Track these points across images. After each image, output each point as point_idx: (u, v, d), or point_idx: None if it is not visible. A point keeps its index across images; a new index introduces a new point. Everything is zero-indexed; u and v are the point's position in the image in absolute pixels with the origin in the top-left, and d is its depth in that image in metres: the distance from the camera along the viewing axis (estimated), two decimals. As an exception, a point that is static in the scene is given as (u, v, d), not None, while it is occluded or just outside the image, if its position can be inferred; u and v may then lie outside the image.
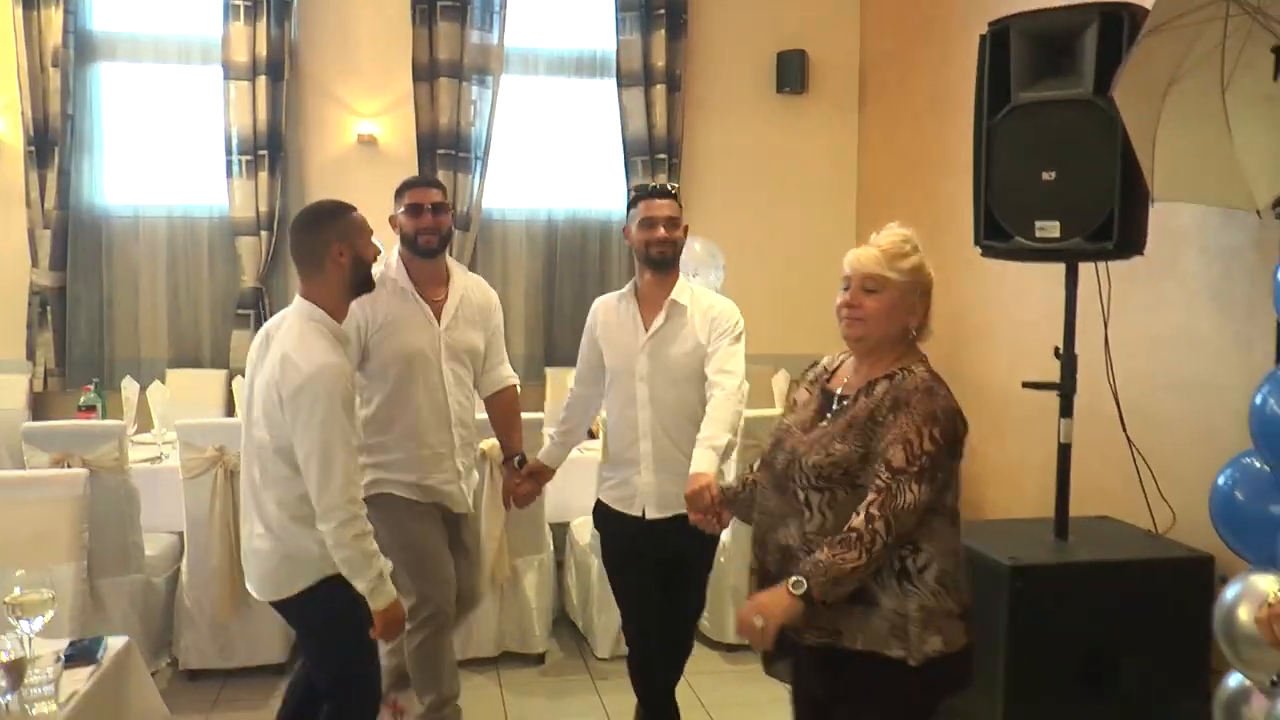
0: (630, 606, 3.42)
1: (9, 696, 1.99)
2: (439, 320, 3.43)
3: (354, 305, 3.35)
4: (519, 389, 3.80)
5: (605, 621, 4.45)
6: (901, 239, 2.37)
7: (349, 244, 2.80)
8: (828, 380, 2.49)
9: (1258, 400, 2.73)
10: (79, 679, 2.25)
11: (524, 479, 3.57)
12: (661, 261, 3.28)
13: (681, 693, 4.02)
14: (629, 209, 3.37)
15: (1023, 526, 3.86)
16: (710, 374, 3.19)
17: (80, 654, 2.37)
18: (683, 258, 4.15)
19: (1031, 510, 4.25)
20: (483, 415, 3.72)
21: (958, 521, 2.36)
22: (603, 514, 3.41)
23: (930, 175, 5.58)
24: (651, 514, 3.29)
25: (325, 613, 2.76)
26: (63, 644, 2.36)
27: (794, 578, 2.19)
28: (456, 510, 3.51)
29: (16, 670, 1.99)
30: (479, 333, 3.54)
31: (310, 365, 2.61)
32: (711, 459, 2.98)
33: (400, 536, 3.32)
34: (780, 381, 6.16)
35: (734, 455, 3.53)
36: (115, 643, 2.47)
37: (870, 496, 2.21)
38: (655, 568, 3.34)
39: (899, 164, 6.07)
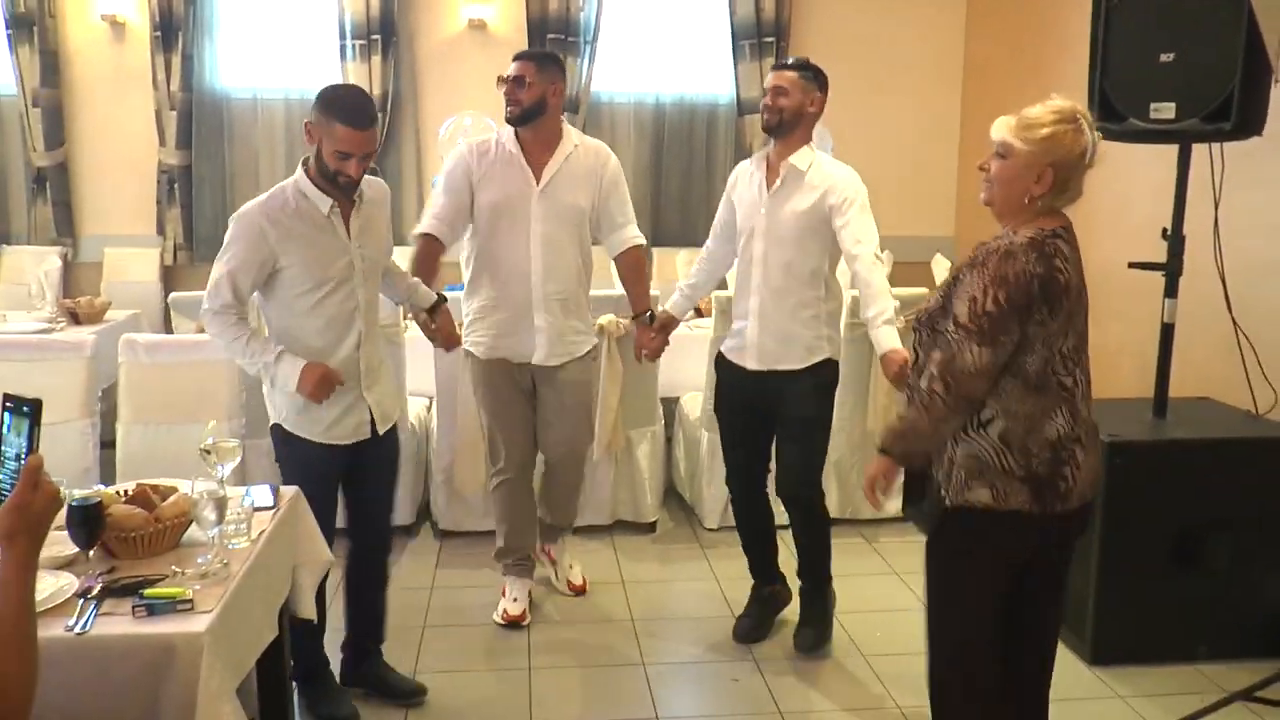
0: (730, 442, 3.66)
1: (215, 530, 2.27)
2: (539, 180, 3.61)
3: (468, 159, 3.64)
4: (644, 251, 3.94)
5: (713, 494, 4.65)
6: (1050, 110, 2.38)
7: (316, 135, 2.86)
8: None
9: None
10: (263, 520, 2.53)
11: (655, 330, 3.78)
12: (766, 128, 3.45)
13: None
14: None
15: (1123, 405, 3.95)
16: (847, 246, 3.34)
17: (259, 499, 2.64)
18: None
19: (1131, 392, 4.32)
20: (607, 291, 3.91)
21: (1046, 388, 2.38)
22: (720, 363, 3.66)
23: (1042, 59, 5.51)
24: (752, 365, 3.50)
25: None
26: (241, 491, 2.63)
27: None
28: (529, 363, 3.70)
29: (221, 506, 2.26)
30: (584, 193, 3.69)
31: (241, 209, 2.95)
32: (892, 333, 3.20)
33: (481, 399, 3.79)
34: (885, 263, 6.19)
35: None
36: (287, 491, 2.75)
37: (936, 354, 2.35)
38: (757, 415, 3.56)
39: (1008, 48, 5.99)
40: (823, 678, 3.49)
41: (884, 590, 4.11)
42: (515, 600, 3.82)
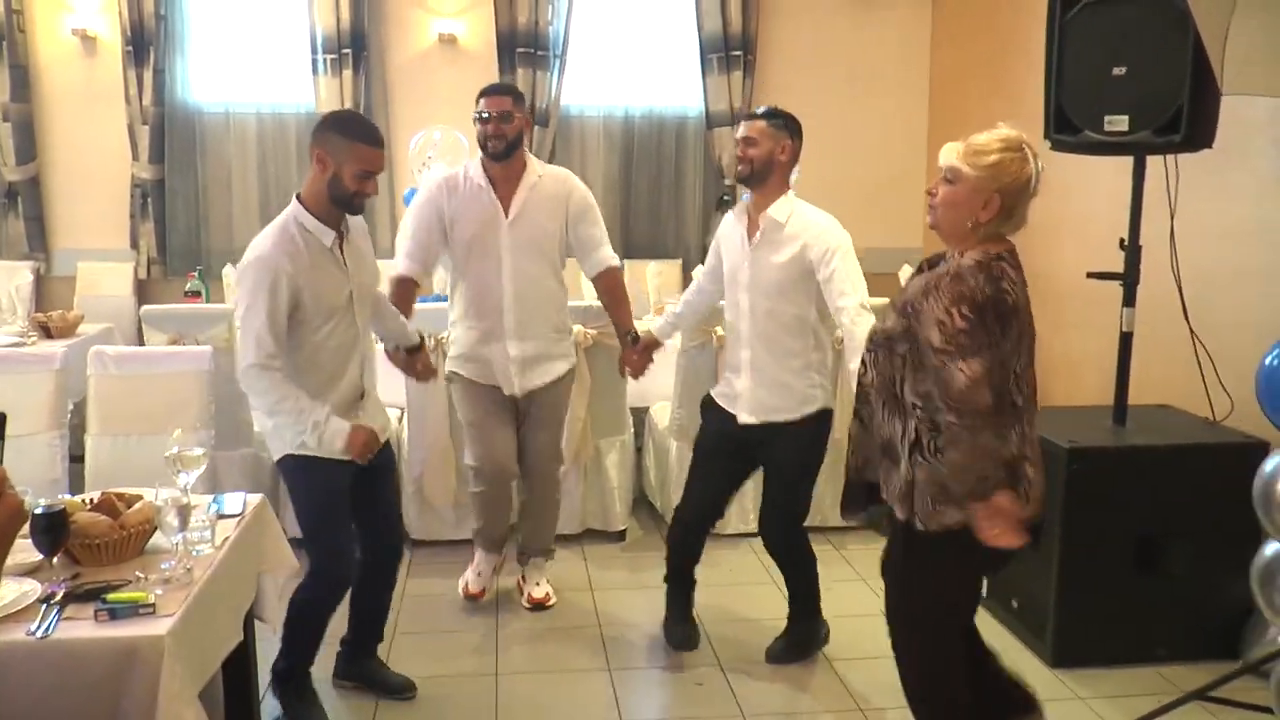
0: (694, 483, 3.64)
1: (179, 536, 2.29)
2: (507, 213, 3.69)
3: (438, 197, 3.70)
4: (621, 272, 4.03)
5: (683, 503, 4.68)
6: (997, 138, 2.44)
7: (332, 159, 2.89)
8: (934, 261, 2.62)
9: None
10: (227, 527, 2.55)
11: (639, 352, 3.84)
12: (739, 179, 3.49)
13: (750, 566, 4.28)
14: None
15: (1083, 413, 4.02)
16: (833, 299, 3.31)
17: (226, 507, 2.67)
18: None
19: (1094, 401, 4.39)
20: (575, 302, 4.04)
21: (1001, 409, 2.39)
22: (708, 405, 3.64)
23: (1004, 70, 5.60)
24: (744, 419, 3.48)
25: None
26: (208, 499, 2.66)
27: None
28: (506, 392, 3.82)
29: (184, 513, 2.29)
30: (553, 222, 3.78)
31: (253, 253, 2.88)
32: None
33: (462, 412, 3.90)
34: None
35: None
36: (253, 499, 2.78)
37: (935, 389, 2.37)
38: (739, 461, 3.56)
39: (972, 59, 6.09)
40: (787, 681, 3.53)
41: (851, 595, 4.15)
42: (479, 574, 4.06)
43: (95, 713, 2.04)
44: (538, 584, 4.10)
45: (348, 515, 3.08)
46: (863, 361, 2.62)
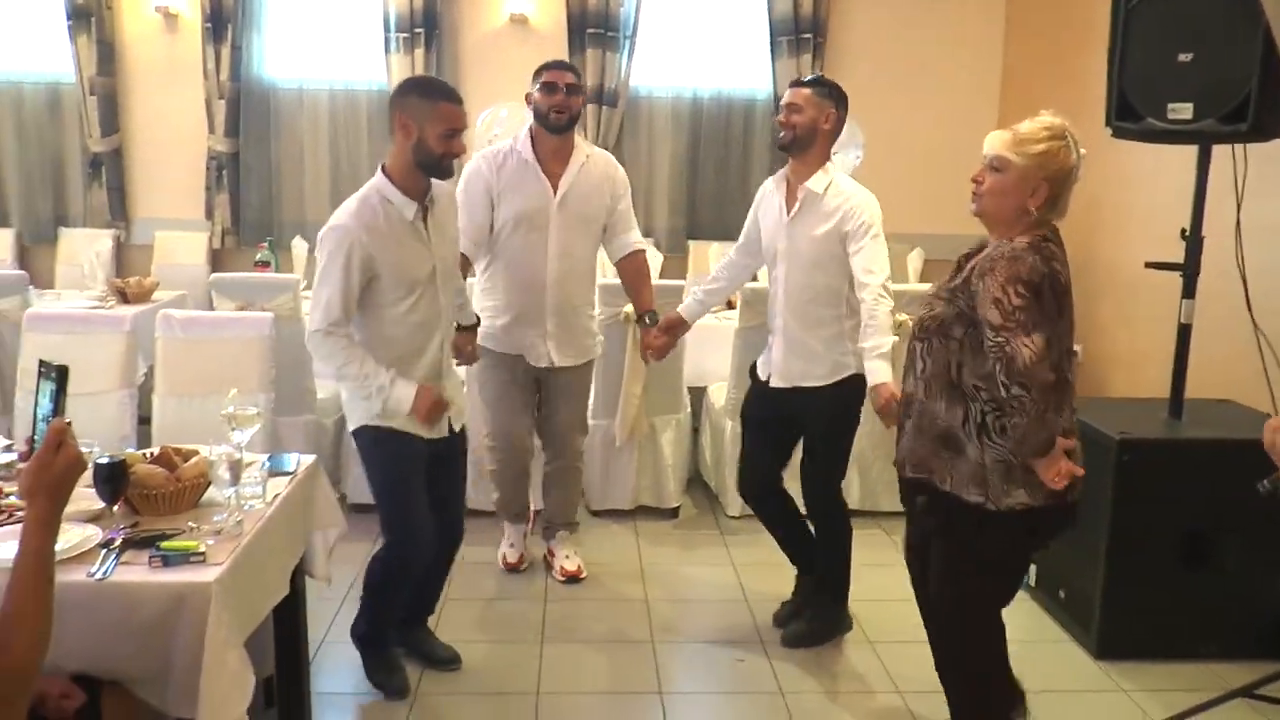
0: (746, 451, 3.73)
1: (231, 490, 2.40)
2: (555, 190, 3.72)
3: (486, 173, 3.74)
4: (647, 255, 4.08)
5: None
6: (1043, 126, 2.49)
7: (415, 125, 2.90)
8: (973, 253, 2.66)
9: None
10: (279, 484, 2.65)
11: (660, 333, 3.84)
12: (781, 145, 3.48)
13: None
14: None
15: (1139, 405, 3.98)
16: (858, 275, 3.35)
17: (279, 466, 2.77)
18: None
19: (1157, 394, 4.32)
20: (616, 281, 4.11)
21: (1059, 384, 2.47)
22: (751, 373, 3.73)
23: (1074, 58, 5.51)
24: (775, 383, 3.55)
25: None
26: (261, 457, 2.76)
27: None
28: (538, 365, 3.87)
29: (236, 469, 2.39)
30: (598, 202, 3.83)
31: (333, 221, 2.94)
32: (884, 368, 3.26)
33: (483, 387, 3.98)
34: (915, 260, 6.28)
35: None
36: (306, 459, 2.87)
37: (994, 365, 2.40)
38: (781, 426, 3.61)
39: (1044, 50, 6.00)
40: (826, 662, 3.56)
41: (897, 580, 4.10)
42: (512, 546, 4.19)
43: (149, 652, 2.14)
44: (568, 556, 4.15)
45: (422, 490, 3.10)
46: (910, 352, 2.65)
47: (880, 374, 3.25)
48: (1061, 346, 2.48)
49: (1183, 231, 3.61)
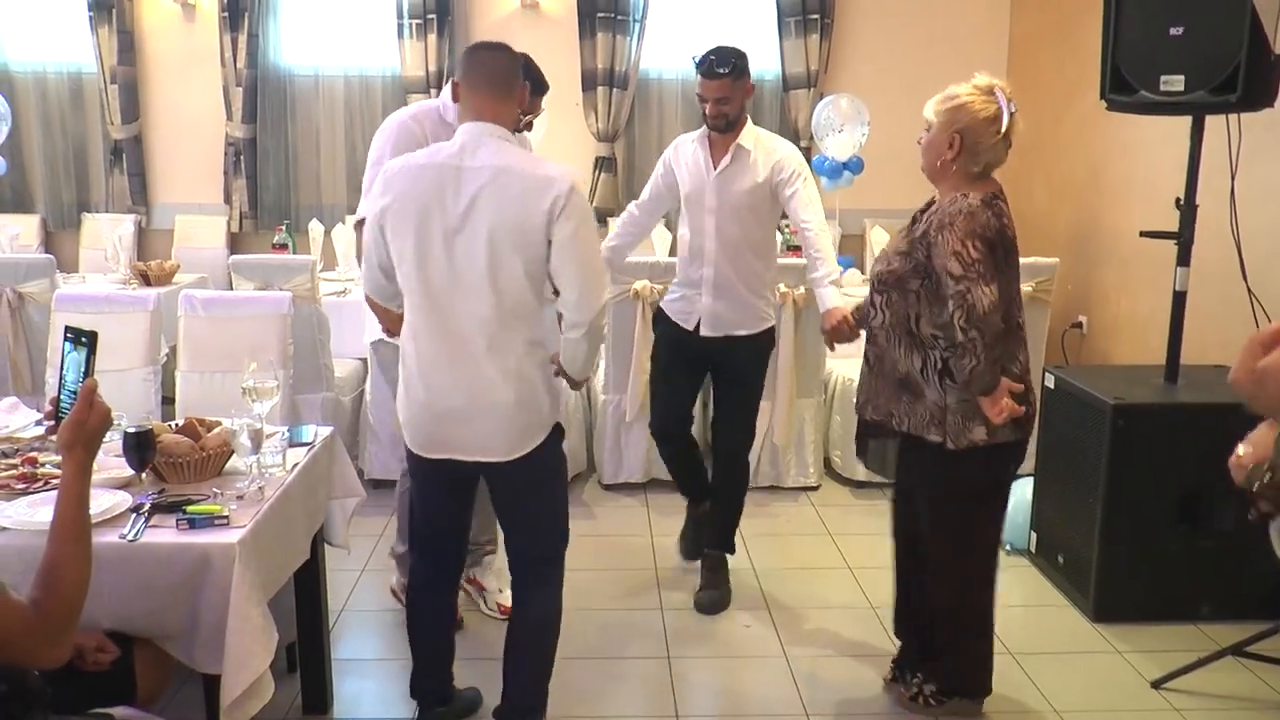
0: (663, 393, 3.92)
1: (252, 457, 2.52)
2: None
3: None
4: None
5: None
6: (969, 85, 2.71)
7: (525, 88, 2.86)
8: (925, 209, 2.85)
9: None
10: (298, 454, 2.77)
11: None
12: (717, 130, 3.61)
13: (809, 520, 4.42)
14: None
15: (1135, 371, 4.05)
16: (800, 214, 3.57)
17: (298, 437, 2.89)
18: (828, 114, 4.52)
19: (1159, 361, 4.39)
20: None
21: (1010, 330, 2.73)
22: (662, 320, 3.89)
23: (1079, 35, 5.55)
24: (705, 331, 3.72)
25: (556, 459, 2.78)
26: (282, 428, 2.88)
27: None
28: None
29: (257, 438, 2.51)
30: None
31: (559, 171, 2.53)
32: (836, 293, 3.46)
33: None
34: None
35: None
36: (324, 430, 3.00)
37: (954, 312, 2.61)
38: (695, 372, 3.88)
39: (1051, 23, 6.03)
40: (831, 626, 3.67)
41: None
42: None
43: (177, 609, 2.27)
44: (501, 590, 3.69)
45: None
46: (870, 305, 2.85)
47: (832, 299, 3.44)
48: (1010, 293, 2.71)
49: (1177, 200, 3.68)
